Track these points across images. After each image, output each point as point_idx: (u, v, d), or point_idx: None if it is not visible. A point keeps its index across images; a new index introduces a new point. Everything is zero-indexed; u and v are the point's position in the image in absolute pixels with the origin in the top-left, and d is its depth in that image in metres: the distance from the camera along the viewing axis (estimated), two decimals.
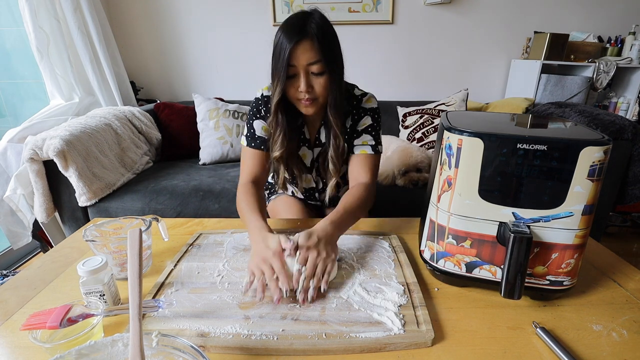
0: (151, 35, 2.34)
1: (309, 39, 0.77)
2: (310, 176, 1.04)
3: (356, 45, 2.31)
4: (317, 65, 0.79)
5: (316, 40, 0.77)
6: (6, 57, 1.89)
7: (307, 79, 0.80)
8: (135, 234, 0.49)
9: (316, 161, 1.00)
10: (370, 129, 0.94)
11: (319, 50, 0.78)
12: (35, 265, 0.75)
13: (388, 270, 0.68)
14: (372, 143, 0.93)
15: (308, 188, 1.08)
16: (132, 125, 1.86)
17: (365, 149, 0.93)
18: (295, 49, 0.77)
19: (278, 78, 0.80)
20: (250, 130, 0.94)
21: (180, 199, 1.52)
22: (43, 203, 1.42)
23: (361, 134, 0.94)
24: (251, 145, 0.93)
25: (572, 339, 0.53)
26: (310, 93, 0.81)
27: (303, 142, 0.98)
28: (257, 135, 0.93)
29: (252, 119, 0.94)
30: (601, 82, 2.18)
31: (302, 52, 0.77)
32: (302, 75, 0.79)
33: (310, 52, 0.77)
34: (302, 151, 0.99)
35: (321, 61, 0.78)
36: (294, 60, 0.78)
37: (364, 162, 0.93)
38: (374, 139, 0.94)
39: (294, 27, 0.78)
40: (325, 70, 0.80)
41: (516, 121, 0.71)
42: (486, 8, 2.28)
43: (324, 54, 0.78)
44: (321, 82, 0.81)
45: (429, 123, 1.98)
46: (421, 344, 0.51)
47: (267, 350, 0.50)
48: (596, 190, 0.54)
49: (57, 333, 0.49)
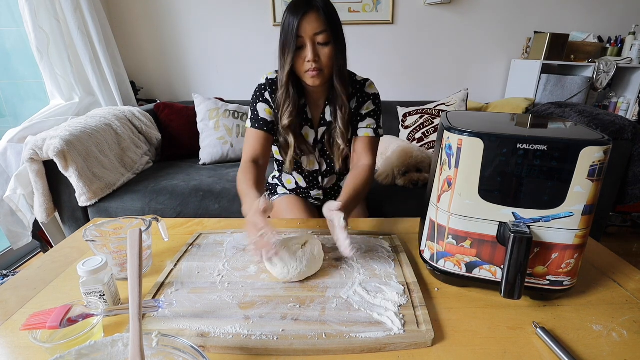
0: (151, 35, 2.34)
1: (315, 11, 0.83)
2: (313, 157, 1.06)
3: (356, 45, 2.31)
4: (323, 35, 0.84)
5: (322, 12, 0.83)
6: (6, 57, 1.89)
7: (314, 49, 0.85)
8: (135, 234, 0.49)
9: (320, 142, 1.03)
10: (372, 113, 0.99)
11: (324, 21, 0.84)
12: (35, 265, 0.75)
13: (388, 270, 0.68)
14: (375, 126, 0.99)
15: (312, 171, 1.09)
16: (132, 125, 1.86)
17: (368, 131, 0.98)
18: (302, 20, 0.83)
19: (288, 49, 0.86)
20: (254, 112, 0.98)
21: (181, 199, 1.52)
22: (43, 203, 1.42)
23: (365, 117, 0.99)
24: (254, 127, 0.97)
25: (572, 339, 0.53)
26: (317, 62, 0.86)
27: (306, 122, 1.01)
28: (261, 117, 0.97)
29: (256, 102, 0.98)
30: (601, 82, 2.18)
31: (309, 22, 0.83)
32: (309, 46, 0.85)
33: (317, 23, 0.83)
34: (304, 130, 1.02)
35: (327, 31, 0.84)
36: (302, 31, 0.83)
37: (367, 144, 0.98)
38: (376, 122, 1.00)
39: (300, 2, 0.84)
40: (331, 41, 0.86)
41: (516, 121, 0.71)
42: (486, 8, 2.28)
43: (329, 24, 0.84)
44: (327, 52, 0.86)
45: (429, 123, 1.98)
46: (421, 344, 0.51)
47: (267, 351, 0.50)
48: (596, 190, 0.54)
49: (57, 333, 0.49)
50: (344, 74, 0.91)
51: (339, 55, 0.88)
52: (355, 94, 0.98)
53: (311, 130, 1.02)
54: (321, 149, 1.04)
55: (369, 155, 0.97)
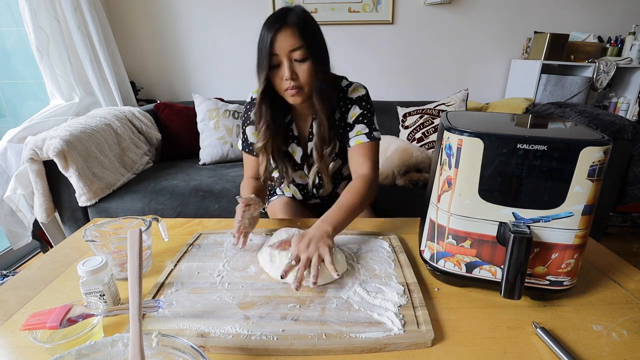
0: (151, 35, 2.34)
1: (290, 27, 0.79)
2: (302, 172, 1.05)
3: (356, 46, 2.31)
4: (300, 51, 0.80)
5: (297, 28, 0.79)
6: (6, 57, 1.89)
7: (291, 66, 0.81)
8: (135, 234, 0.49)
9: (310, 156, 1.01)
10: (361, 117, 0.92)
11: (300, 37, 0.79)
12: (35, 265, 0.75)
13: (388, 270, 0.68)
14: (366, 131, 0.92)
15: (305, 185, 1.08)
16: (132, 125, 1.86)
17: (360, 138, 0.91)
18: (276, 36, 0.78)
19: (261, 68, 0.82)
20: (244, 135, 0.99)
21: (180, 199, 1.52)
22: (43, 203, 1.42)
23: (353, 125, 0.93)
24: (246, 151, 1.00)
25: (572, 339, 0.53)
26: (295, 80, 0.82)
27: (292, 139, 0.99)
28: (250, 142, 0.98)
29: (245, 125, 0.98)
30: (601, 82, 2.18)
31: (284, 39, 0.79)
32: (285, 63, 0.80)
33: (292, 39, 0.79)
34: (291, 148, 1.00)
35: (303, 47, 0.80)
36: (276, 48, 0.79)
37: (361, 152, 0.91)
38: (368, 126, 0.92)
39: (274, 18, 0.80)
40: (308, 57, 0.81)
41: (516, 121, 0.71)
42: (486, 8, 2.28)
43: (305, 40, 0.80)
44: (305, 68, 0.81)
45: (429, 123, 1.97)
46: (421, 344, 0.51)
47: (267, 351, 0.50)
48: (596, 190, 0.54)
49: (57, 333, 0.49)
50: (325, 91, 0.86)
51: (319, 73, 0.83)
52: (338, 102, 0.93)
53: (298, 148, 0.99)
54: (310, 164, 1.01)
55: (366, 162, 0.90)
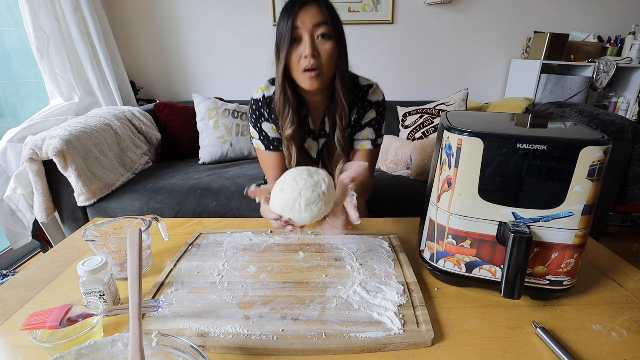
0: (151, 35, 2.34)
1: (316, 3, 0.74)
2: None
3: (356, 46, 2.31)
4: (325, 27, 0.74)
5: (324, 5, 0.75)
6: (6, 57, 1.88)
7: (313, 43, 0.74)
8: (135, 234, 0.49)
9: (321, 152, 0.98)
10: (374, 122, 0.91)
11: (326, 14, 0.74)
12: (35, 265, 0.75)
13: (388, 270, 0.68)
14: (373, 137, 0.92)
15: None
16: (132, 125, 1.86)
17: (365, 144, 0.92)
18: (301, 11, 0.73)
19: (283, 44, 0.75)
20: (262, 133, 0.91)
21: (179, 198, 1.52)
22: (43, 203, 1.42)
23: (364, 127, 0.91)
24: (269, 149, 0.91)
25: (572, 339, 0.53)
26: (315, 58, 0.75)
27: (308, 134, 0.94)
28: (272, 138, 0.91)
29: (260, 122, 0.90)
30: (601, 82, 2.18)
31: (308, 14, 0.74)
32: (306, 39, 0.74)
33: (318, 15, 0.74)
34: (307, 143, 0.96)
35: (328, 24, 0.74)
36: (299, 21, 0.73)
37: (362, 158, 0.92)
38: (376, 132, 0.92)
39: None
40: (333, 35, 0.75)
41: (516, 121, 0.71)
42: (486, 8, 2.28)
43: (331, 18, 0.75)
44: (327, 49, 0.76)
45: (429, 123, 1.98)
46: (421, 344, 0.51)
47: (267, 351, 0.50)
48: (596, 190, 0.54)
49: (57, 333, 0.49)
50: (346, 79, 0.82)
51: (342, 56, 0.78)
52: (357, 103, 0.88)
53: (314, 142, 0.95)
54: (323, 160, 0.98)
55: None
